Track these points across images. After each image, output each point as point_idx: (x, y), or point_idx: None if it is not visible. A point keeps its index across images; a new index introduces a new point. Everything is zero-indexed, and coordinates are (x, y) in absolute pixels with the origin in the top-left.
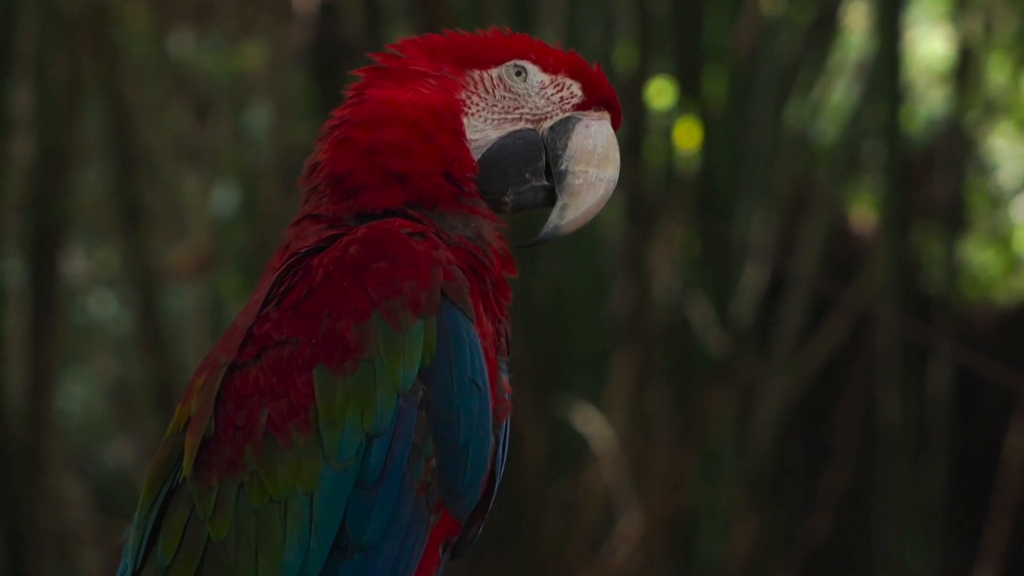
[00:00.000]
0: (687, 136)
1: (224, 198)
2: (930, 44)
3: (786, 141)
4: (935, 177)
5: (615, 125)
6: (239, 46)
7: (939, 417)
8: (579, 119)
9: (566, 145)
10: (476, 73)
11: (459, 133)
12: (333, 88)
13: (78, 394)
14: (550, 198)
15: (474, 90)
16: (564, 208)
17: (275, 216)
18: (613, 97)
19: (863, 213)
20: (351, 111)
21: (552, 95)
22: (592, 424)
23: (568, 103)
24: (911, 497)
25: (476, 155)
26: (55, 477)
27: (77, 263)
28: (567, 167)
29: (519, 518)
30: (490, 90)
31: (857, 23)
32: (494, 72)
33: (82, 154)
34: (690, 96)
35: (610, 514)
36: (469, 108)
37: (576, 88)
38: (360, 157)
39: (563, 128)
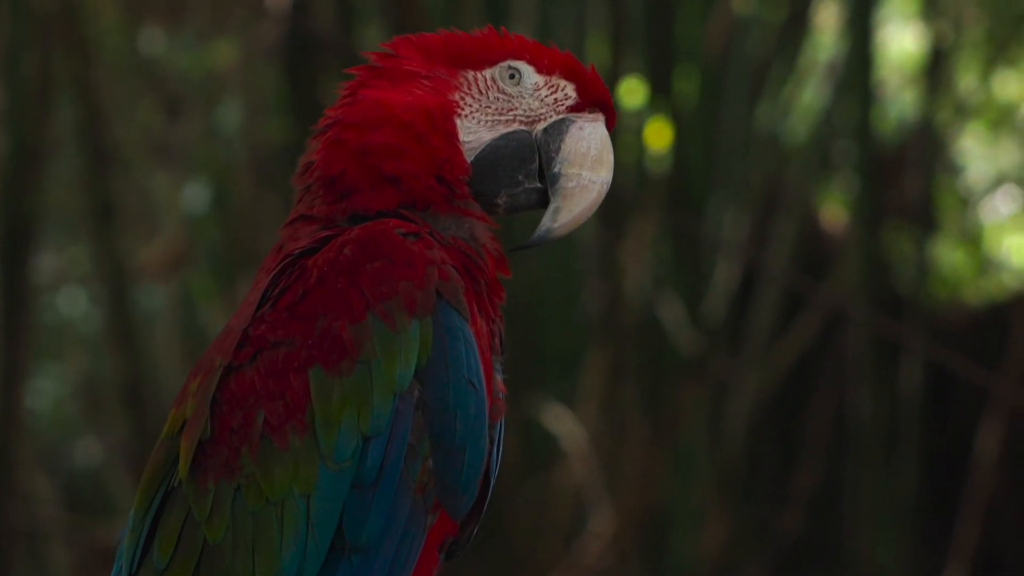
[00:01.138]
0: (659, 135)
1: (195, 196)
2: (901, 44)
3: (757, 140)
4: (906, 177)
5: (609, 127)
6: (211, 43)
7: (910, 415)
8: (573, 121)
9: (559, 147)
10: (470, 74)
11: (452, 135)
12: (305, 85)
13: (48, 391)
14: (543, 200)
15: (468, 91)
16: (557, 211)
17: (247, 214)
18: (607, 99)
19: (833, 212)
20: (344, 111)
21: (546, 96)
22: (564, 422)
23: (562, 105)
24: (883, 495)
25: (469, 157)
26: (25, 474)
27: (48, 260)
28: (560, 169)
29: (491, 516)
30: (484, 91)
31: (828, 23)
32: (488, 73)
33: (53, 150)
34: (662, 95)
35: (582, 512)
36: (462, 109)
37: (570, 89)
38: (353, 158)
39: (557, 130)
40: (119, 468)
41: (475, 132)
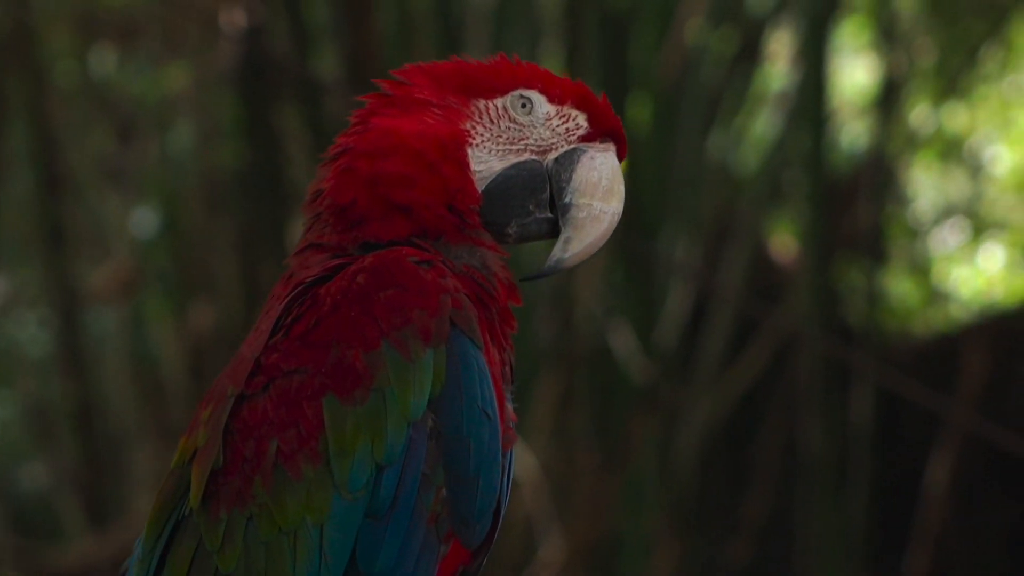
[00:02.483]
0: None
1: (146, 219)
2: (852, 75)
3: (710, 169)
4: (856, 207)
5: (620, 157)
6: (164, 67)
7: (860, 446)
8: (584, 151)
9: (571, 177)
10: (481, 103)
11: (463, 164)
12: (259, 110)
13: None
14: (554, 230)
15: (479, 120)
16: (568, 241)
17: (199, 238)
18: (619, 129)
19: (783, 241)
20: (355, 139)
21: (557, 126)
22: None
23: (573, 134)
24: (832, 525)
25: (480, 186)
26: None
27: None
28: (571, 199)
29: None
30: (495, 120)
31: (780, 53)
32: (499, 102)
33: (4, 173)
34: None
35: (532, 540)
36: (474, 139)
37: (582, 119)
38: (363, 187)
39: (568, 160)
40: (68, 493)
41: (486, 161)
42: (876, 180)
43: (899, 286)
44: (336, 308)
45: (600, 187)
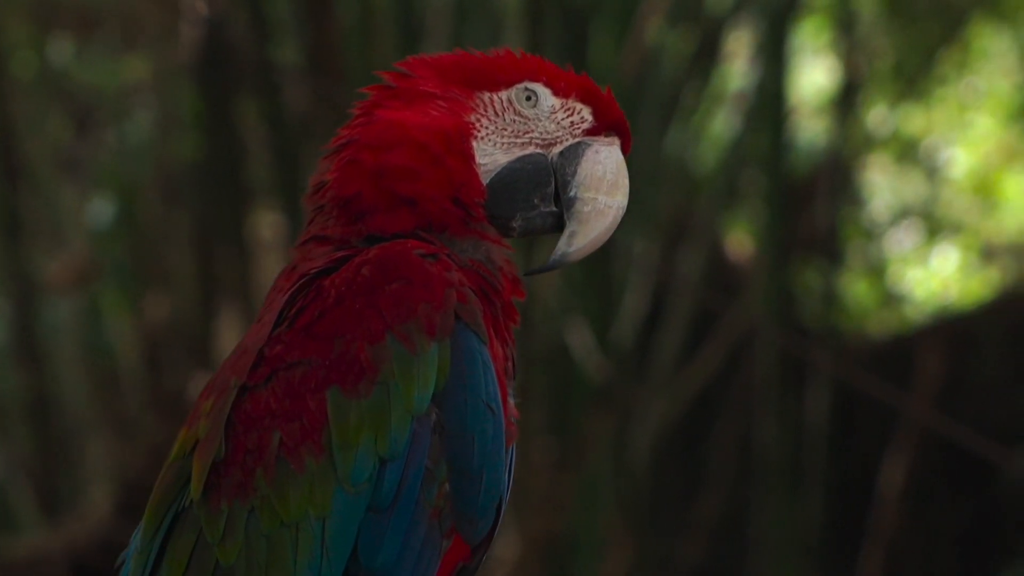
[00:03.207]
0: None
1: (102, 210)
2: (810, 76)
3: (667, 168)
4: (813, 208)
5: (624, 151)
6: (123, 58)
7: (815, 446)
8: (589, 144)
9: (575, 171)
10: (486, 95)
11: (468, 157)
12: (219, 102)
13: None
14: (558, 224)
15: (484, 113)
16: (572, 235)
17: (155, 230)
18: (623, 122)
19: (740, 241)
20: (359, 131)
21: (562, 119)
22: None
23: (578, 128)
24: (787, 524)
25: (485, 179)
26: None
27: None
28: (576, 193)
29: None
30: (500, 113)
31: (739, 52)
32: (504, 95)
33: None
34: None
35: None
36: (478, 131)
37: (587, 113)
38: (368, 180)
39: (573, 153)
40: (21, 483)
41: (491, 154)
42: (833, 181)
43: (855, 287)
44: (341, 300)
45: (605, 181)
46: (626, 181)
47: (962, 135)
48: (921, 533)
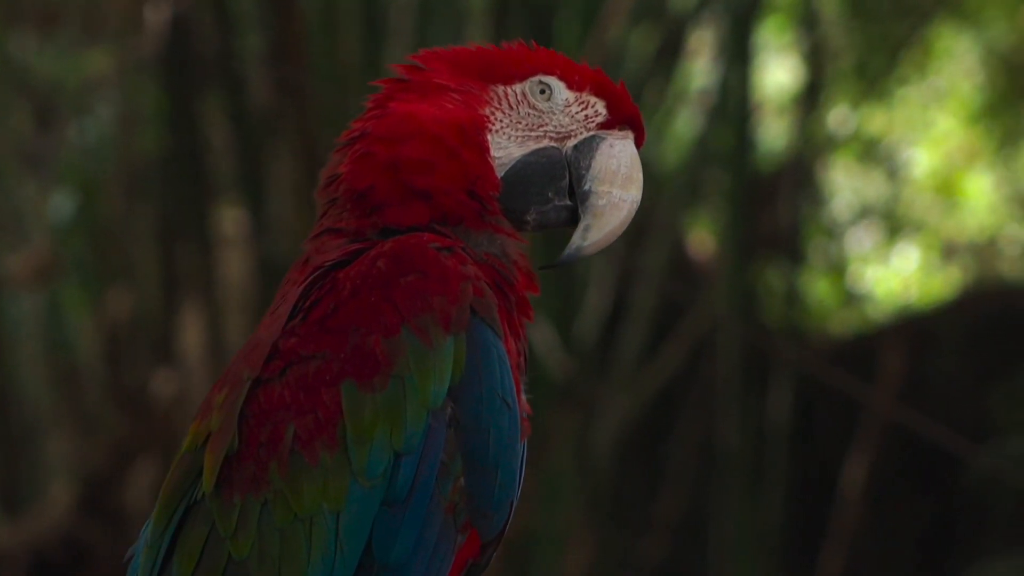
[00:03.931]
0: None
1: (63, 205)
2: (773, 75)
3: None
4: (775, 207)
5: (638, 145)
6: (85, 51)
7: (777, 444)
8: (603, 138)
9: (590, 165)
10: (500, 88)
11: (484, 150)
12: (181, 97)
13: None
14: (572, 218)
15: (498, 106)
16: (587, 229)
17: (118, 225)
18: (637, 116)
19: (701, 239)
20: (373, 124)
21: (576, 113)
22: None
23: (592, 121)
24: (748, 523)
25: (499, 172)
26: None
27: None
28: (590, 187)
29: None
30: (514, 106)
31: (701, 50)
32: (518, 88)
33: None
34: None
35: None
36: (493, 124)
37: (601, 106)
38: (382, 173)
39: (587, 147)
40: None
41: (505, 147)
42: (795, 180)
43: (816, 286)
44: (356, 293)
45: (619, 175)
46: (640, 175)
47: (923, 135)
48: (882, 532)
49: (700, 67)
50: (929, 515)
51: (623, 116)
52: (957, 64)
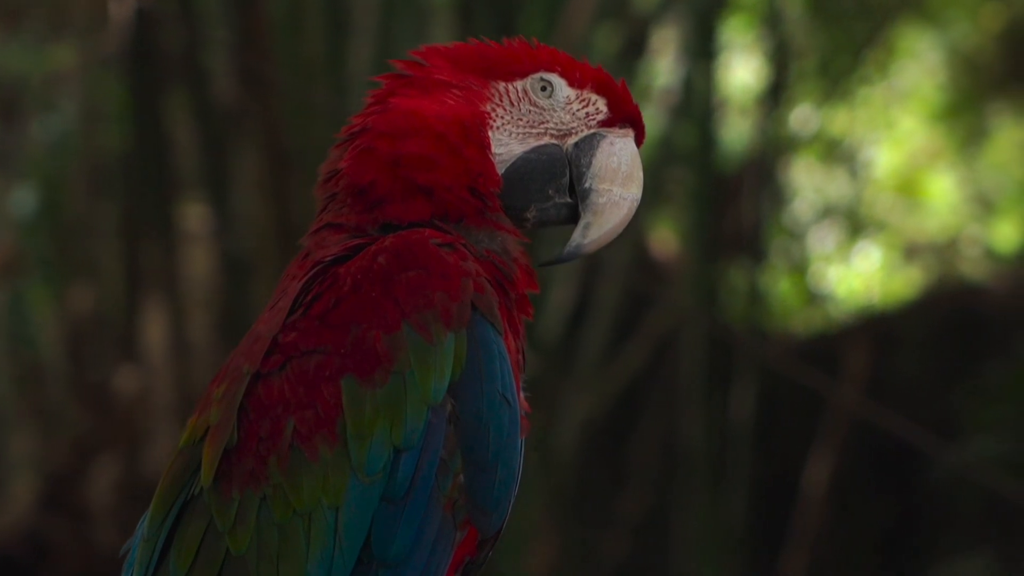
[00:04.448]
0: None
1: (26, 200)
2: (736, 74)
3: None
4: (738, 206)
5: (638, 143)
6: (49, 47)
7: (740, 443)
8: (604, 136)
9: (590, 162)
10: (501, 85)
11: (485, 147)
12: (146, 93)
13: None
14: (572, 215)
15: (499, 103)
16: (587, 227)
17: (80, 220)
18: (638, 115)
19: (664, 238)
20: (374, 120)
21: (577, 110)
22: None
23: (593, 119)
24: (710, 521)
25: (500, 169)
26: None
27: None
28: (591, 185)
29: None
30: (515, 103)
31: (665, 49)
32: (519, 84)
33: None
34: None
35: None
36: (494, 121)
37: (602, 104)
38: (384, 168)
39: (588, 145)
40: None
41: (506, 144)
42: (758, 179)
43: (779, 285)
44: (357, 288)
45: (620, 173)
46: (640, 173)
47: (886, 135)
48: (845, 530)
49: (664, 65)
50: (892, 513)
51: (624, 114)
52: (919, 64)
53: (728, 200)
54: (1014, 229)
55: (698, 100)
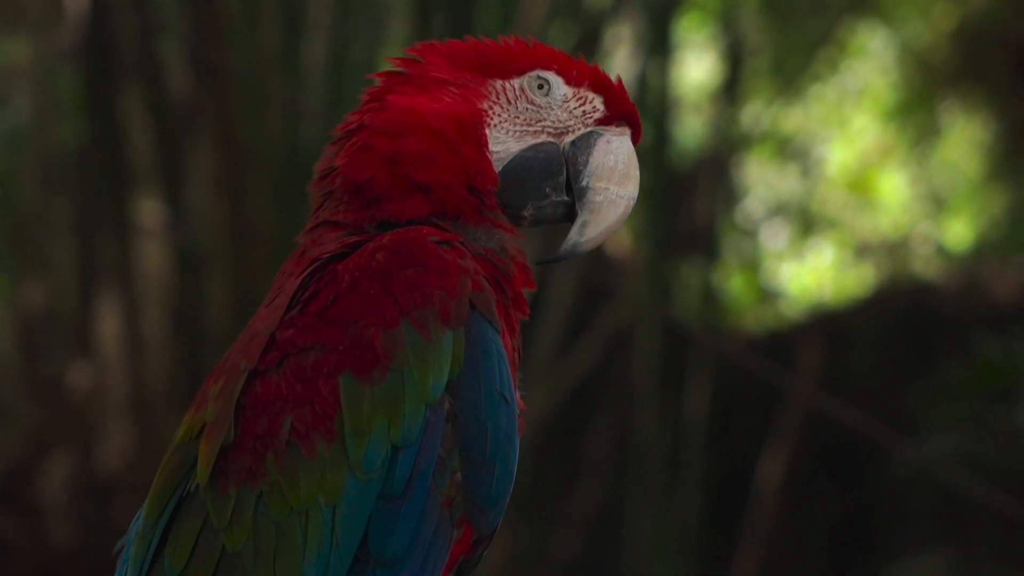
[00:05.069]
0: None
1: None
2: (690, 71)
3: None
4: (692, 203)
5: (635, 141)
6: (3, 41)
7: (693, 441)
8: (601, 134)
9: (587, 161)
10: (498, 83)
11: (483, 144)
12: (101, 88)
13: None
14: (569, 213)
15: (496, 100)
16: (584, 225)
17: (33, 215)
18: (634, 113)
19: (616, 235)
20: (371, 117)
21: (574, 108)
22: None
23: (590, 117)
24: (664, 518)
25: (497, 167)
26: None
27: None
28: (588, 183)
29: None
30: (512, 101)
31: (619, 46)
32: (516, 82)
33: None
34: None
35: None
36: (491, 119)
37: (599, 102)
38: (381, 166)
39: (585, 143)
40: None
41: (504, 142)
42: (711, 176)
43: (731, 282)
44: (355, 285)
45: (617, 171)
46: (637, 172)
47: (838, 132)
48: (799, 528)
49: (618, 62)
50: (846, 510)
51: (621, 112)
52: (872, 62)
53: (682, 197)
54: (966, 227)
55: (653, 97)
